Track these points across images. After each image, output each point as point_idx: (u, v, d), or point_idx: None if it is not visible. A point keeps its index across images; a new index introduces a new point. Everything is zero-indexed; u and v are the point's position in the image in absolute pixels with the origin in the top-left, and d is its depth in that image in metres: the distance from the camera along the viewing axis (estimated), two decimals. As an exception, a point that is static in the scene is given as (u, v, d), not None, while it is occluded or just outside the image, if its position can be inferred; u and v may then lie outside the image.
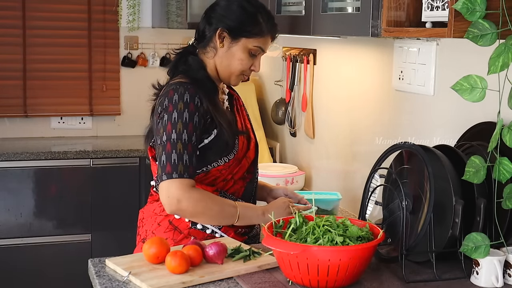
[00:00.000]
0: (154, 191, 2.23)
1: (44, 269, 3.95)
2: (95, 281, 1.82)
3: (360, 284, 1.76)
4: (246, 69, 2.19)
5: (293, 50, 3.35)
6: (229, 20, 2.15)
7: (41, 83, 4.32)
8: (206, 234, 2.14)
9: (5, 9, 4.20)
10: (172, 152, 2.02)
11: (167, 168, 2.02)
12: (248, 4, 2.17)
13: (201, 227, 2.14)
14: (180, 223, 2.14)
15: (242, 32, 2.15)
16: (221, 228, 2.15)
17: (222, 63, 2.18)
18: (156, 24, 4.42)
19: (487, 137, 1.78)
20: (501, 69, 1.65)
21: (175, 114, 2.04)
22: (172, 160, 2.02)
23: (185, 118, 2.04)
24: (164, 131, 2.04)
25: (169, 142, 2.03)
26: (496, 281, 1.76)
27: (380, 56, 2.64)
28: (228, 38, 2.15)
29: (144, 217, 2.24)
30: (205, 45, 2.20)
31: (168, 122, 2.04)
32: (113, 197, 4.05)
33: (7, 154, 3.82)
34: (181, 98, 2.06)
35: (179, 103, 2.05)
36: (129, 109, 4.51)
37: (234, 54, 2.16)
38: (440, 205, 1.82)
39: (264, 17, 2.17)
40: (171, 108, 2.05)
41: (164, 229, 2.15)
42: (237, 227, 2.16)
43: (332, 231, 1.74)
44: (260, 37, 2.16)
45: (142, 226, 2.23)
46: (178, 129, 2.03)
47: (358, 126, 2.82)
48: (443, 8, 1.79)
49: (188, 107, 2.05)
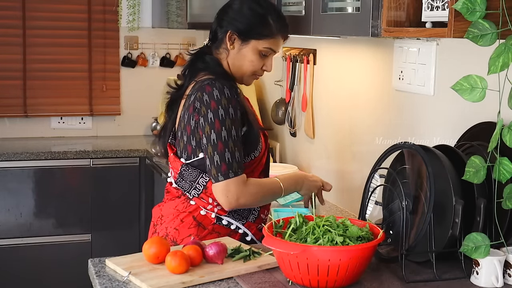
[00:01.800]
0: (175, 188, 2.23)
1: (44, 269, 3.95)
2: (95, 281, 1.82)
3: (360, 284, 1.76)
4: (257, 69, 2.22)
5: (293, 50, 3.35)
6: (238, 22, 2.17)
7: (41, 83, 4.32)
8: (230, 230, 2.16)
9: (5, 9, 4.20)
10: (225, 151, 2.04)
11: (222, 168, 2.04)
12: (258, 6, 2.18)
13: (226, 223, 2.16)
14: (204, 219, 2.15)
15: (252, 34, 2.16)
16: (245, 224, 2.18)
17: (234, 64, 2.21)
18: (156, 24, 4.42)
19: (487, 137, 1.78)
20: (501, 69, 1.65)
21: (221, 110, 2.05)
22: (226, 160, 2.04)
23: (231, 114, 2.06)
24: (213, 129, 2.05)
25: (220, 141, 2.04)
26: (496, 281, 1.76)
27: (380, 56, 2.64)
28: (238, 40, 2.17)
29: (163, 214, 2.23)
30: (218, 46, 2.22)
31: (216, 119, 2.05)
32: (113, 197, 4.05)
33: (7, 154, 3.82)
34: (222, 93, 2.06)
35: (222, 99, 2.06)
36: (129, 109, 4.51)
37: (244, 55, 2.19)
38: (440, 205, 1.82)
39: (274, 18, 2.18)
40: (214, 104, 2.05)
41: (188, 225, 2.16)
42: (258, 223, 2.21)
43: (332, 231, 1.74)
44: (270, 38, 2.18)
45: (161, 224, 2.22)
46: (228, 126, 2.05)
47: (358, 126, 2.82)
48: (443, 8, 1.79)
49: (231, 102, 2.07)
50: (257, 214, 2.21)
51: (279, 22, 2.19)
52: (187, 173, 2.15)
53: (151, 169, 3.90)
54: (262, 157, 2.23)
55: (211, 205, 2.15)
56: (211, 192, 2.13)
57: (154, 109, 4.39)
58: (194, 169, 2.14)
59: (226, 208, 2.10)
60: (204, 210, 2.15)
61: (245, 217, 2.18)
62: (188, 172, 2.15)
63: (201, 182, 2.14)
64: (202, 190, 2.15)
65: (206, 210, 2.15)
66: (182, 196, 2.19)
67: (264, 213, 2.25)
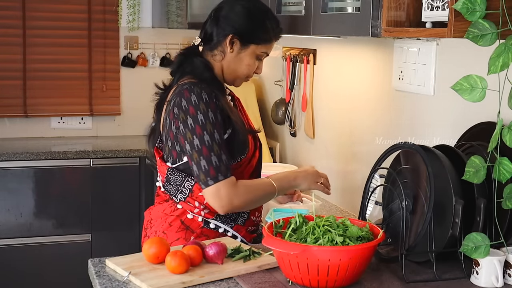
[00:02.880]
0: (163, 192, 2.22)
1: (44, 269, 3.95)
2: (95, 281, 1.82)
3: (360, 284, 1.76)
4: (251, 72, 2.23)
5: (293, 50, 3.35)
6: (240, 27, 2.16)
7: (41, 83, 4.32)
8: (219, 233, 2.15)
9: (5, 9, 4.20)
10: (211, 154, 2.02)
11: (210, 172, 2.02)
12: (258, 11, 2.20)
13: (214, 226, 2.15)
14: (192, 222, 2.15)
15: (253, 39, 2.18)
16: (233, 227, 2.16)
17: (229, 67, 2.20)
18: (156, 24, 4.42)
19: (487, 137, 1.78)
20: (501, 69, 1.65)
21: (200, 116, 2.03)
22: (213, 163, 2.02)
23: (211, 117, 2.04)
24: (194, 134, 2.03)
25: (204, 145, 2.02)
26: (496, 281, 1.76)
27: (380, 56, 2.64)
28: (238, 44, 2.17)
29: (153, 218, 2.23)
30: (212, 48, 2.20)
31: (196, 125, 2.03)
32: (113, 197, 4.05)
33: (7, 154, 3.82)
34: (199, 98, 2.05)
35: (200, 104, 2.04)
36: (129, 109, 4.51)
37: (242, 59, 2.19)
38: (440, 205, 1.82)
39: (272, 24, 2.21)
40: (192, 110, 2.04)
41: (176, 229, 2.15)
42: (247, 225, 2.20)
43: (332, 231, 1.74)
44: (268, 43, 2.21)
45: (150, 227, 2.22)
46: (209, 130, 2.03)
47: (358, 126, 2.82)
48: (443, 8, 1.79)
49: (209, 106, 2.05)
50: (247, 216, 2.20)
51: (276, 28, 2.22)
52: (173, 177, 2.15)
53: (151, 169, 3.89)
54: (252, 158, 2.21)
55: (198, 209, 2.14)
56: (197, 196, 2.12)
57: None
58: (180, 173, 2.13)
59: (220, 212, 2.08)
60: (191, 214, 2.14)
61: (233, 220, 2.17)
62: (174, 176, 2.14)
63: (187, 186, 2.13)
64: (188, 194, 2.14)
65: (193, 214, 2.14)
66: (170, 200, 2.19)
67: (255, 215, 2.24)
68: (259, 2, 2.24)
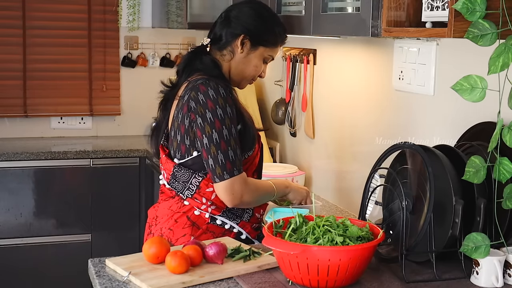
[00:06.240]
0: (168, 189, 2.23)
1: (44, 269, 3.95)
2: (95, 281, 1.82)
3: (360, 284, 1.76)
4: (257, 75, 2.29)
5: (293, 50, 3.35)
6: (252, 28, 2.22)
7: (41, 83, 4.32)
8: (224, 229, 2.17)
9: (5, 9, 4.20)
10: (228, 149, 2.06)
11: (227, 166, 2.06)
12: (268, 15, 2.27)
13: (220, 222, 2.17)
14: (198, 218, 2.16)
15: (262, 41, 2.23)
16: (239, 223, 2.19)
17: (237, 67, 2.24)
18: (156, 24, 4.42)
19: (487, 137, 1.78)
20: (501, 69, 1.65)
21: (219, 110, 2.07)
22: (230, 158, 2.06)
23: (229, 112, 2.08)
24: (213, 128, 2.06)
25: (223, 140, 2.06)
26: (496, 281, 1.76)
27: (380, 56, 2.64)
28: (248, 45, 2.22)
29: (158, 215, 2.23)
30: (221, 48, 2.24)
31: (215, 119, 2.06)
32: (113, 197, 4.05)
33: (7, 154, 3.82)
34: (217, 92, 2.08)
35: (218, 98, 2.07)
36: (129, 109, 4.51)
37: (250, 60, 2.24)
38: (440, 205, 1.82)
39: (279, 28, 2.28)
40: (211, 104, 2.07)
41: (182, 225, 2.16)
42: (252, 222, 2.22)
43: (332, 231, 1.74)
44: (275, 46, 2.28)
45: (155, 224, 2.23)
46: (228, 125, 2.07)
47: (358, 126, 2.82)
48: (443, 8, 1.79)
49: (227, 101, 2.09)
50: (252, 213, 2.22)
51: (284, 33, 2.30)
52: (180, 173, 2.16)
53: (151, 169, 3.89)
54: (255, 157, 2.25)
55: (205, 205, 2.16)
56: (204, 192, 2.14)
57: (154, 109, 4.34)
58: (187, 170, 2.15)
59: (229, 205, 2.12)
60: (198, 210, 2.16)
61: (239, 216, 2.20)
62: (181, 173, 2.15)
63: (194, 183, 2.15)
64: (195, 191, 2.15)
65: (200, 210, 2.16)
66: (176, 196, 2.20)
67: (259, 212, 2.26)
68: (267, 6, 2.32)
